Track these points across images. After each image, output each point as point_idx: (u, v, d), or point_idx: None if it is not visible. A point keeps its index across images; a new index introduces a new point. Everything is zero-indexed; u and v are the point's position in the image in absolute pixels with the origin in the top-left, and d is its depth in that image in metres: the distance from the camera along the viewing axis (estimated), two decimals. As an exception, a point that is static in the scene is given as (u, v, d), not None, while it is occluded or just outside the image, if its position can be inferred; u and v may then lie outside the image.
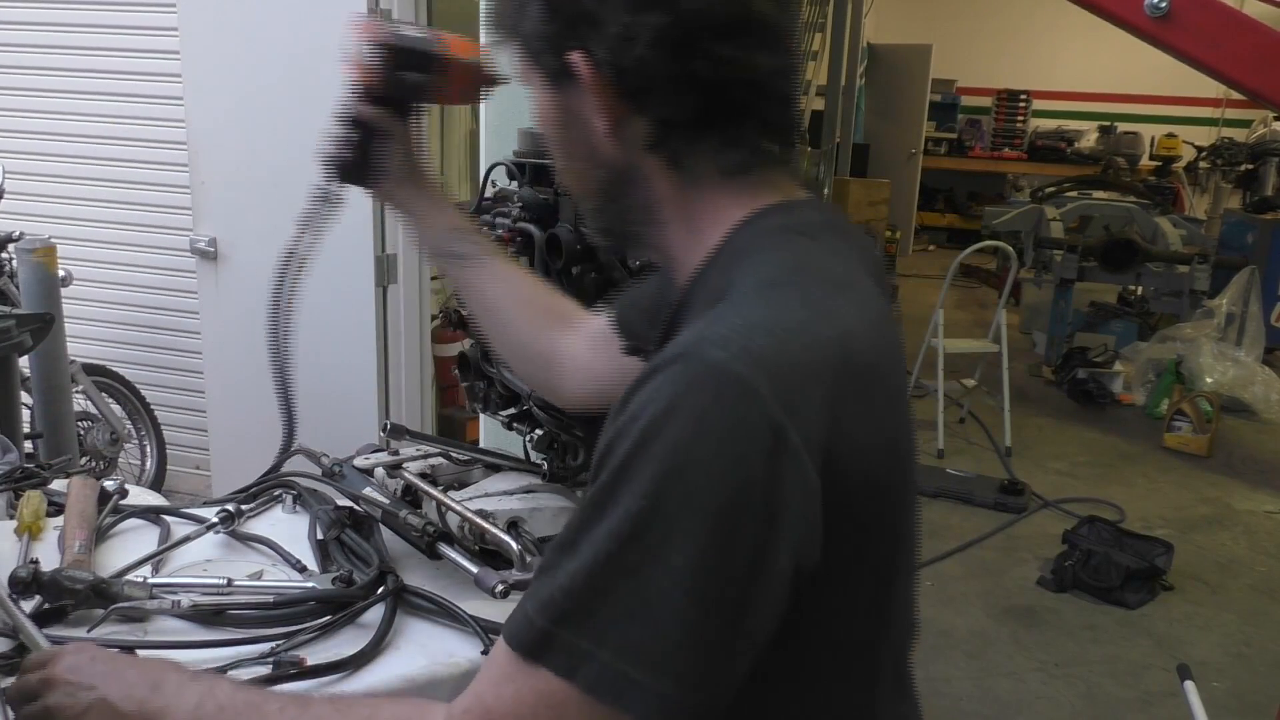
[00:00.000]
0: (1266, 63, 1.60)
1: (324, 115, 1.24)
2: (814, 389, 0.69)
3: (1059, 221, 6.51)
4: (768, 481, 0.66)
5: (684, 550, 0.65)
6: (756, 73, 0.78)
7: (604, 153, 0.82)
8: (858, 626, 0.79)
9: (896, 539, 0.80)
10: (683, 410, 0.66)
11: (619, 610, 0.66)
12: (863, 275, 0.82)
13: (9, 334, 2.54)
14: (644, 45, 0.75)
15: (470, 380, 1.62)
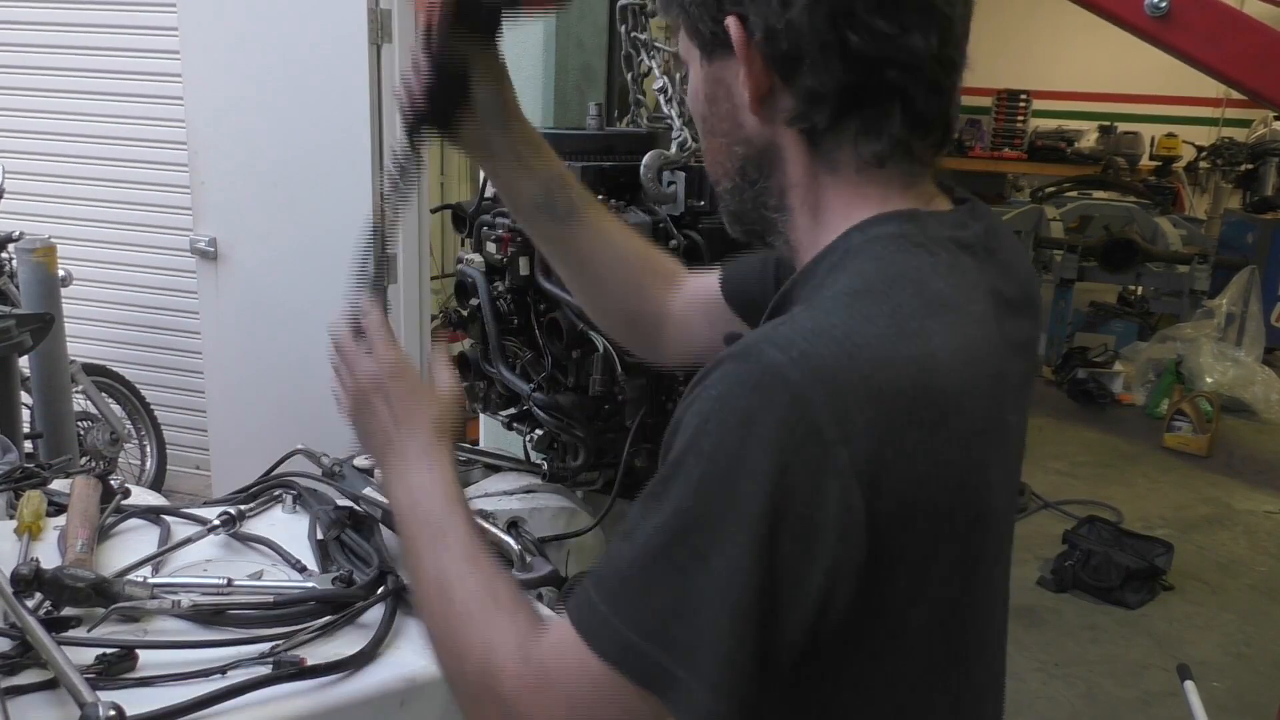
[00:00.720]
0: (1266, 63, 1.60)
1: (324, 115, 1.23)
2: (873, 409, 0.66)
3: (1059, 221, 6.51)
4: (809, 497, 0.65)
5: (724, 554, 0.65)
6: (911, 54, 0.74)
7: (747, 127, 0.81)
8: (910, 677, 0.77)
9: (965, 584, 0.77)
10: (733, 412, 0.66)
11: (666, 606, 0.67)
12: (980, 299, 0.77)
13: (9, 334, 2.54)
14: (799, 10, 0.73)
15: (470, 380, 1.63)
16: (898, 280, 0.73)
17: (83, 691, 0.91)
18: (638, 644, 0.67)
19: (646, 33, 1.76)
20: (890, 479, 0.67)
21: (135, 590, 1.13)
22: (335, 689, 1.05)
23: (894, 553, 0.69)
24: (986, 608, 0.83)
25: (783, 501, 0.65)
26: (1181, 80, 6.89)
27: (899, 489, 0.68)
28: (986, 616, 0.84)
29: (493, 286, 1.53)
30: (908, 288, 0.73)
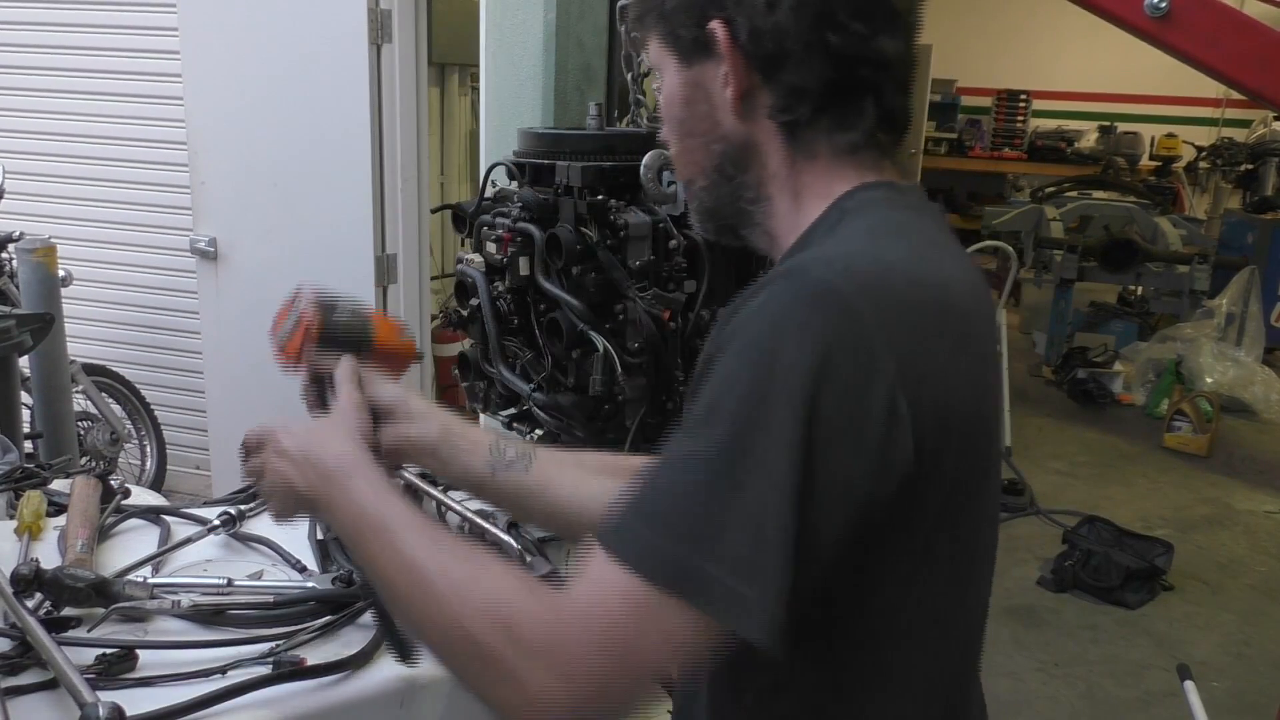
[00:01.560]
0: (1266, 63, 1.60)
1: (324, 115, 1.23)
2: (912, 321, 0.72)
3: (1059, 221, 6.51)
4: (860, 402, 0.68)
5: (786, 460, 0.67)
6: (882, 54, 0.81)
7: (727, 125, 0.86)
8: (932, 602, 0.80)
9: (982, 502, 0.82)
10: (787, 324, 0.70)
11: (717, 517, 0.67)
12: (958, 247, 0.87)
13: (9, 334, 2.54)
14: (784, 12, 0.79)
15: (470, 380, 1.63)
16: (902, 225, 0.81)
17: (83, 691, 0.91)
18: (688, 558, 0.67)
19: (646, 33, 1.76)
20: (927, 389, 0.71)
21: (135, 590, 1.13)
22: (335, 689, 1.05)
23: (931, 465, 0.72)
24: (989, 535, 0.87)
25: (835, 407, 0.68)
26: (1181, 80, 6.89)
27: (935, 399, 0.72)
28: (988, 544, 0.88)
29: (493, 286, 1.53)
30: (912, 231, 0.81)
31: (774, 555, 0.67)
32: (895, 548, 0.75)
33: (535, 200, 1.48)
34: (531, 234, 1.46)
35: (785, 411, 0.67)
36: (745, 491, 0.67)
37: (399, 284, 3.19)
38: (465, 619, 0.74)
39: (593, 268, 1.41)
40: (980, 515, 0.84)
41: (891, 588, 0.77)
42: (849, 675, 0.81)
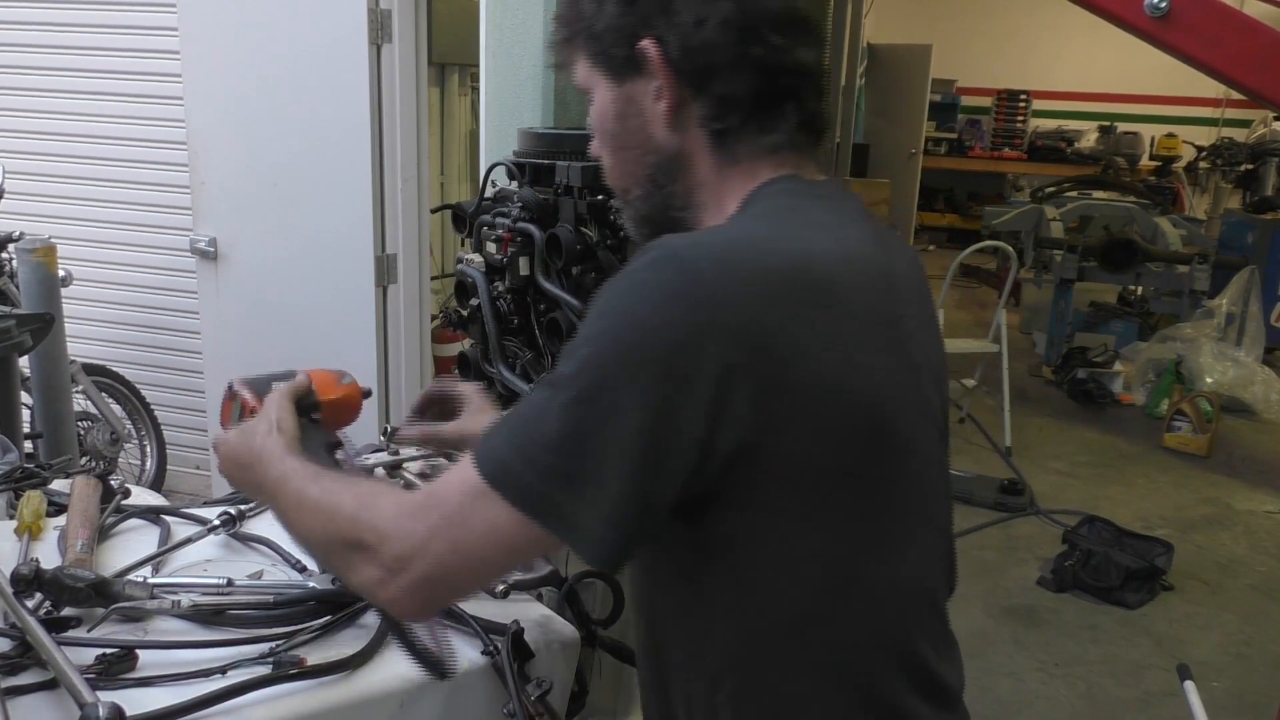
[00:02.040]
0: (1266, 63, 1.60)
1: (324, 115, 1.24)
2: (757, 283, 0.78)
3: (1059, 221, 6.50)
4: (693, 349, 0.75)
5: (618, 398, 0.76)
6: (801, 63, 0.90)
7: (659, 138, 0.93)
8: (835, 535, 0.84)
9: (883, 456, 0.84)
10: (636, 282, 0.79)
11: (558, 447, 0.77)
12: (861, 228, 0.91)
13: (9, 334, 2.54)
14: (712, 29, 0.86)
15: (470, 380, 1.63)
16: (783, 210, 0.88)
17: (83, 691, 0.91)
18: (521, 468, 0.78)
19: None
20: (775, 345, 0.77)
21: (135, 590, 1.13)
22: (335, 689, 1.05)
23: (785, 413, 0.78)
24: (917, 496, 0.90)
25: (670, 353, 0.75)
26: (1181, 80, 6.89)
27: (783, 354, 0.78)
28: (912, 520, 0.89)
29: (493, 286, 1.53)
30: (790, 215, 0.88)
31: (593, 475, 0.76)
32: (764, 503, 0.81)
33: (535, 200, 1.48)
34: (531, 234, 1.46)
35: (623, 357, 0.76)
36: (579, 423, 0.76)
37: (399, 284, 3.19)
38: (340, 518, 0.87)
39: (593, 268, 1.41)
40: (892, 486, 0.86)
41: (773, 545, 0.83)
42: (760, 640, 0.86)
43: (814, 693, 0.86)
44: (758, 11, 0.88)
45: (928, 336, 0.95)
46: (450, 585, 0.85)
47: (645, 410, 0.75)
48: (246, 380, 1.19)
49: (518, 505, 0.79)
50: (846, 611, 0.85)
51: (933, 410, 0.93)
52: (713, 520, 0.82)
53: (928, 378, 0.92)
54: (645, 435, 0.76)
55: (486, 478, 0.80)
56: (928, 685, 0.91)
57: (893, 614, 0.88)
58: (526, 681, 1.11)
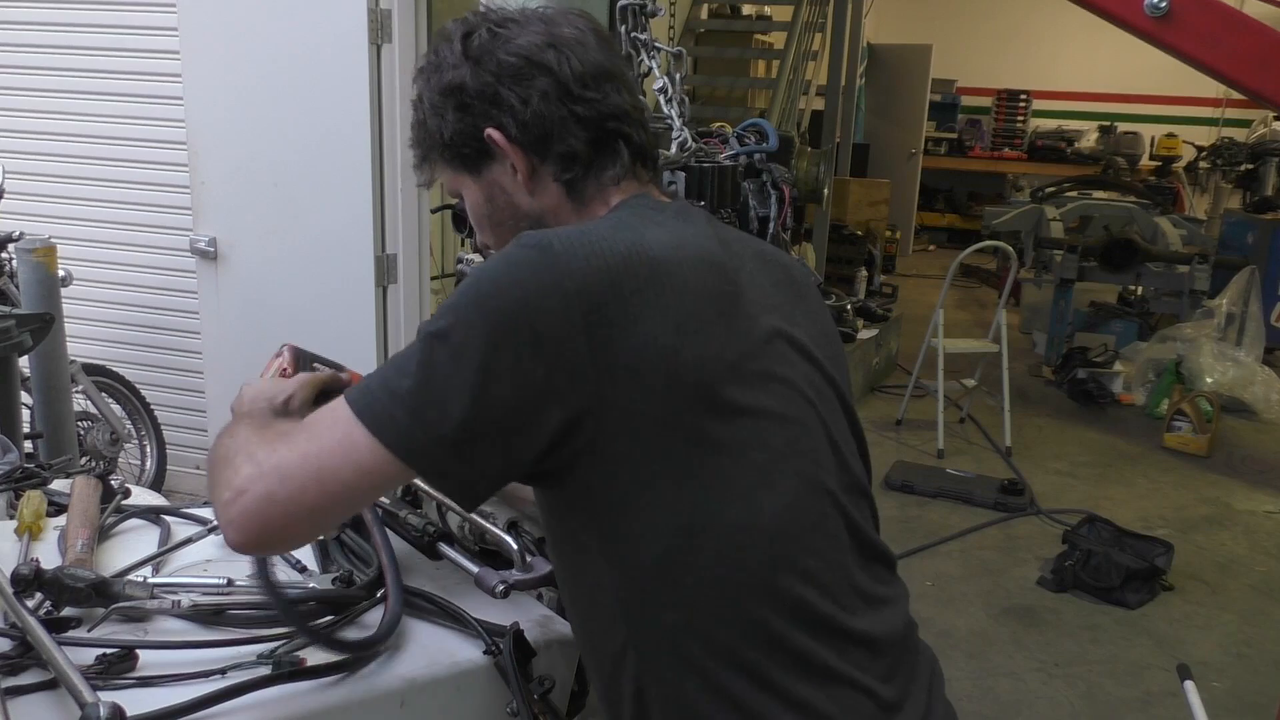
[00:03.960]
0: (1266, 63, 1.60)
1: (324, 115, 1.26)
2: (598, 261, 0.91)
3: (1059, 221, 6.51)
4: (537, 306, 0.88)
5: (469, 339, 0.88)
6: (618, 107, 1.05)
7: (524, 204, 1.07)
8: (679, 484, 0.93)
9: (720, 414, 0.93)
10: (501, 256, 0.93)
11: (415, 379, 0.89)
12: (698, 229, 1.04)
13: (9, 334, 2.54)
14: (537, 102, 1.02)
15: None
16: (627, 216, 1.03)
17: (83, 691, 0.91)
18: (377, 399, 0.90)
19: (646, 33, 1.76)
20: (609, 310, 0.89)
21: (135, 590, 1.13)
22: (335, 689, 1.05)
23: (618, 370, 0.89)
24: (767, 450, 0.97)
25: (518, 307, 0.88)
26: (1181, 80, 6.90)
27: (616, 318, 0.89)
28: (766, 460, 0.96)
29: (493, 286, 1.53)
30: (632, 218, 1.02)
31: (439, 403, 0.88)
32: (612, 454, 0.91)
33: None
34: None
35: (479, 307, 0.89)
36: (433, 358, 0.88)
37: (399, 284, 3.19)
38: (238, 440, 0.97)
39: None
40: (729, 439, 0.94)
41: (626, 492, 0.93)
42: (637, 583, 0.95)
43: (696, 627, 0.94)
44: (567, 76, 1.02)
45: (794, 314, 1.06)
46: (293, 501, 0.91)
47: (490, 351, 0.87)
48: (295, 349, 1.26)
49: (366, 423, 0.89)
50: (704, 551, 0.93)
51: (799, 374, 1.01)
52: (572, 479, 0.94)
53: (792, 347, 1.02)
54: (488, 372, 0.87)
55: (350, 403, 0.91)
56: (817, 625, 0.97)
57: (756, 555, 0.95)
58: (529, 680, 1.11)
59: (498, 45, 1.04)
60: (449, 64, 1.05)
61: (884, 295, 7.73)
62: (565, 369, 0.88)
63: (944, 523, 4.24)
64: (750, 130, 1.65)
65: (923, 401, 5.47)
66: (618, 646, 0.98)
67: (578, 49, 1.04)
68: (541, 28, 1.05)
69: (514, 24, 1.05)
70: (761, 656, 0.94)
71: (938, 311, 5.19)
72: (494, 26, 1.05)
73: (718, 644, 0.94)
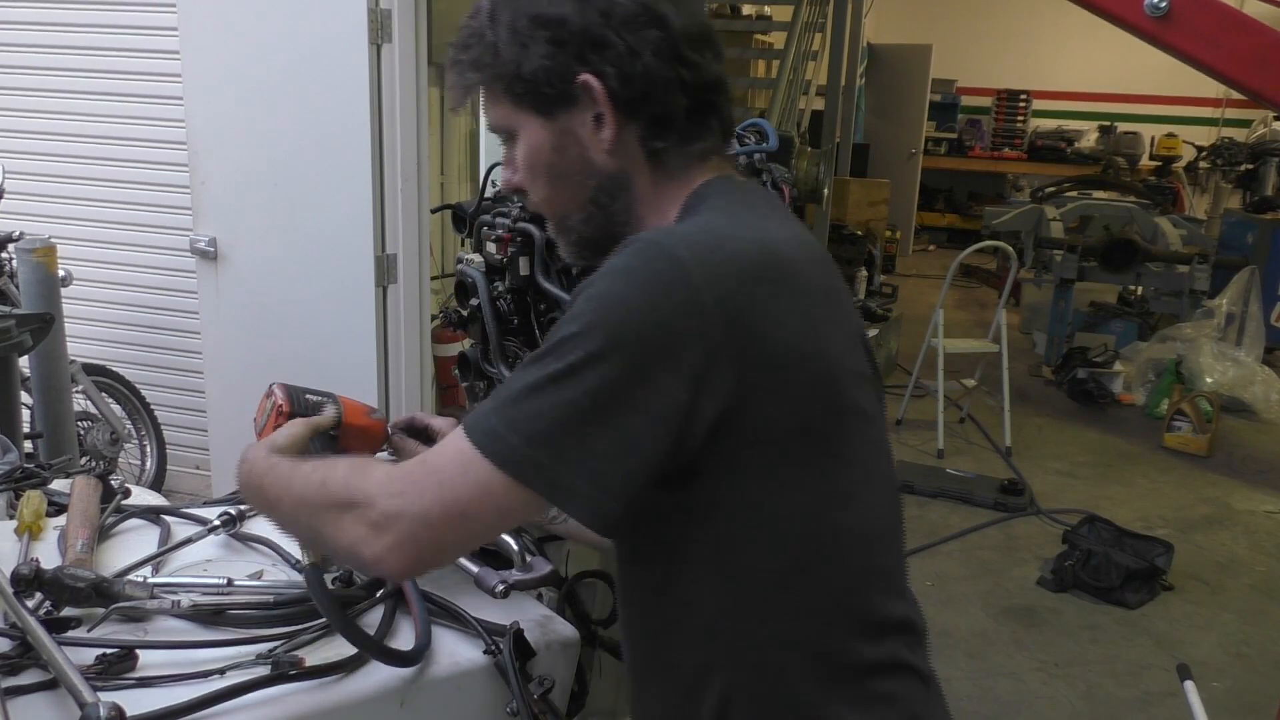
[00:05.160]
0: (1266, 63, 1.60)
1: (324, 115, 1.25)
2: (731, 266, 0.85)
3: (1059, 221, 6.51)
4: (675, 326, 0.83)
5: (605, 371, 0.82)
6: (719, 78, 0.99)
7: (599, 162, 0.98)
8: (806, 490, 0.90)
9: (840, 415, 0.91)
10: (620, 271, 0.86)
11: (547, 418, 0.83)
12: (789, 218, 1.02)
13: (9, 334, 2.54)
14: (647, 57, 0.93)
15: (470, 380, 1.62)
16: (732, 205, 0.96)
17: (83, 691, 0.91)
18: (506, 433, 0.83)
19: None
20: (748, 319, 0.85)
21: (135, 590, 1.13)
22: (335, 689, 1.05)
23: (759, 381, 0.85)
24: (868, 449, 0.96)
25: (654, 329, 0.82)
26: (1181, 80, 6.89)
27: (755, 327, 0.85)
28: (871, 459, 0.97)
29: (493, 286, 1.53)
30: (740, 208, 0.96)
31: (576, 440, 0.82)
32: (742, 466, 0.88)
33: (535, 200, 1.48)
34: (531, 234, 1.46)
35: (609, 334, 0.82)
36: (564, 393, 0.82)
37: (399, 284, 3.19)
38: (332, 483, 0.92)
39: (592, 267, 1.41)
40: (845, 442, 0.92)
41: (752, 504, 0.89)
42: (748, 595, 0.91)
43: (797, 636, 0.92)
44: (680, 35, 0.95)
45: (851, 307, 1.04)
46: (437, 544, 0.88)
47: (630, 381, 0.82)
48: (286, 385, 1.24)
49: (506, 470, 0.84)
50: (823, 558, 0.92)
51: (869, 373, 1.00)
52: (696, 488, 0.89)
53: (861, 344, 1.01)
54: (629, 404, 0.82)
55: (476, 445, 0.85)
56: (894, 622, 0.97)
57: (857, 559, 0.95)
58: (529, 680, 1.11)
59: None
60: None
61: (884, 295, 7.73)
62: (709, 387, 0.84)
63: (944, 522, 4.24)
64: (750, 130, 1.65)
65: (923, 401, 5.47)
66: (703, 663, 0.94)
67: (686, 5, 0.97)
68: None
69: None
70: (851, 659, 0.93)
71: (938, 311, 5.19)
72: None
73: (814, 650, 0.92)
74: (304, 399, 1.22)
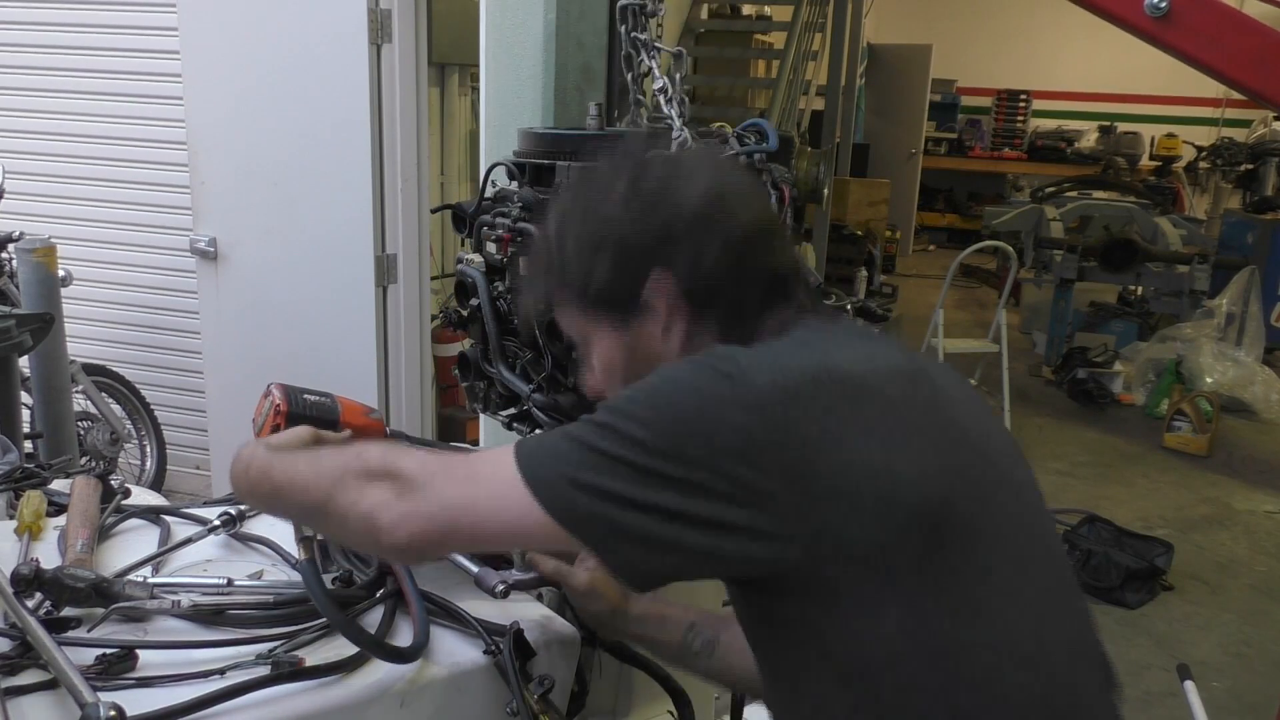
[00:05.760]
0: (1266, 63, 1.60)
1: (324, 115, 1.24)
2: (786, 379, 0.84)
3: (1059, 221, 6.51)
4: (716, 414, 0.82)
5: (640, 441, 0.82)
6: (788, 266, 1.00)
7: (670, 356, 0.99)
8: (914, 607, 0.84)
9: (940, 530, 0.84)
10: (690, 362, 0.88)
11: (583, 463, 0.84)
12: (868, 338, 0.99)
13: (9, 334, 2.54)
14: (712, 260, 0.95)
15: (470, 380, 1.62)
16: (805, 337, 0.95)
17: (83, 691, 0.91)
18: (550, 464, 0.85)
19: (646, 33, 1.76)
20: (801, 431, 0.82)
21: (135, 590, 1.13)
22: (335, 689, 1.05)
23: (825, 500, 0.82)
24: (999, 557, 0.89)
25: (696, 413, 0.83)
26: (1181, 80, 6.90)
27: (811, 439, 0.83)
28: (1010, 579, 0.89)
29: (493, 286, 1.53)
30: (811, 337, 0.95)
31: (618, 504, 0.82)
32: (827, 577, 0.84)
33: (535, 200, 1.48)
34: (531, 234, 1.46)
35: (667, 412, 0.84)
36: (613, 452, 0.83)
37: (399, 284, 3.19)
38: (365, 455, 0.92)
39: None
40: (964, 554, 0.86)
41: (855, 623, 0.85)
42: (868, 708, 0.87)
43: None
44: (742, 233, 0.96)
45: (979, 417, 0.97)
46: (448, 531, 0.89)
47: (666, 481, 0.82)
48: (284, 385, 1.24)
49: (547, 507, 0.84)
50: (950, 678, 0.85)
51: (1001, 477, 0.94)
52: (793, 604, 0.87)
53: (986, 448, 0.94)
54: (676, 484, 0.82)
55: (523, 471, 0.86)
56: None
57: (1007, 678, 0.87)
58: (529, 680, 1.11)
59: (669, 194, 0.96)
60: (611, 205, 0.97)
61: (884, 295, 7.73)
62: (755, 498, 0.82)
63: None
64: (750, 130, 1.65)
65: (923, 401, 5.46)
66: None
67: (746, 199, 0.99)
68: (711, 175, 0.98)
69: (684, 168, 0.99)
70: None
71: (938, 311, 5.19)
72: (664, 171, 0.98)
73: None
74: (302, 399, 1.23)
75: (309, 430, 1.10)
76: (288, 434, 1.09)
